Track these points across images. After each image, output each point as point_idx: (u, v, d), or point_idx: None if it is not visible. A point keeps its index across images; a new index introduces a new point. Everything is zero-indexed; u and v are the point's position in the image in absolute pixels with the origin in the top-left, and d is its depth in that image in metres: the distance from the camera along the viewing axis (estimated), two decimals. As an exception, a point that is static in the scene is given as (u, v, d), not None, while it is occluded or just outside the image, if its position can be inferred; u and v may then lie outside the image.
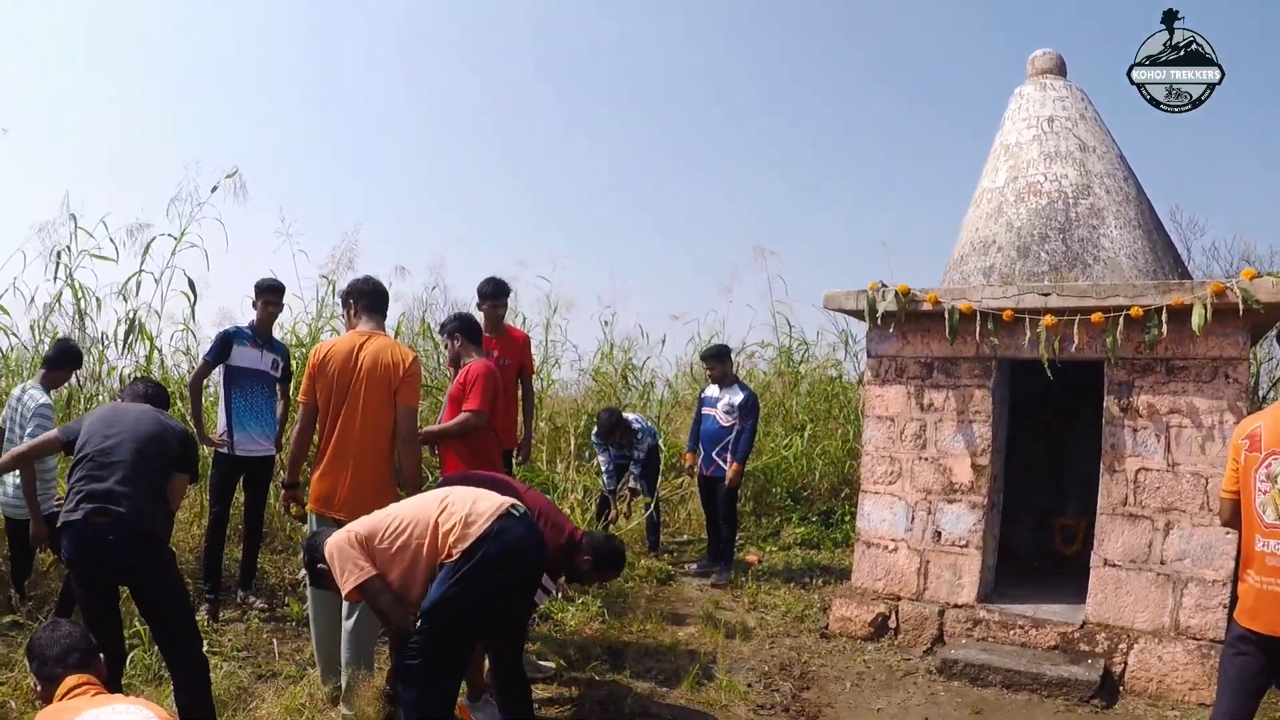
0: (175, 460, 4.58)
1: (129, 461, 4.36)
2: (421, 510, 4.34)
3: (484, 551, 4.13)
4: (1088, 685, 5.74)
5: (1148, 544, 6.03)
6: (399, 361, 5.25)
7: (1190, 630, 5.85)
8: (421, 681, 4.12)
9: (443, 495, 4.43)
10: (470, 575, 4.11)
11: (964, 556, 6.70)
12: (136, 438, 4.46)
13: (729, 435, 8.61)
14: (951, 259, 7.58)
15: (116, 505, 4.23)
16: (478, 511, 4.24)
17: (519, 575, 4.34)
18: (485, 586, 4.15)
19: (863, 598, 7.04)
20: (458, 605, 4.11)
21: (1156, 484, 6.03)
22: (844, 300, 7.15)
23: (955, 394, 6.78)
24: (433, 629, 4.13)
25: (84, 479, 4.32)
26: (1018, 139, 7.48)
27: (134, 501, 4.28)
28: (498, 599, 4.25)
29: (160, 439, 4.54)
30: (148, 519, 4.33)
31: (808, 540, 10.21)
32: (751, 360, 13.79)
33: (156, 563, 4.34)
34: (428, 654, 4.12)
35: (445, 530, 4.20)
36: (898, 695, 5.91)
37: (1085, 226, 6.89)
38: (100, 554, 4.24)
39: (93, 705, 2.76)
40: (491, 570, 4.15)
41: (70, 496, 4.29)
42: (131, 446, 4.41)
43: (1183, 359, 5.97)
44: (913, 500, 6.91)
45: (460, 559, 4.13)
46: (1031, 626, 6.33)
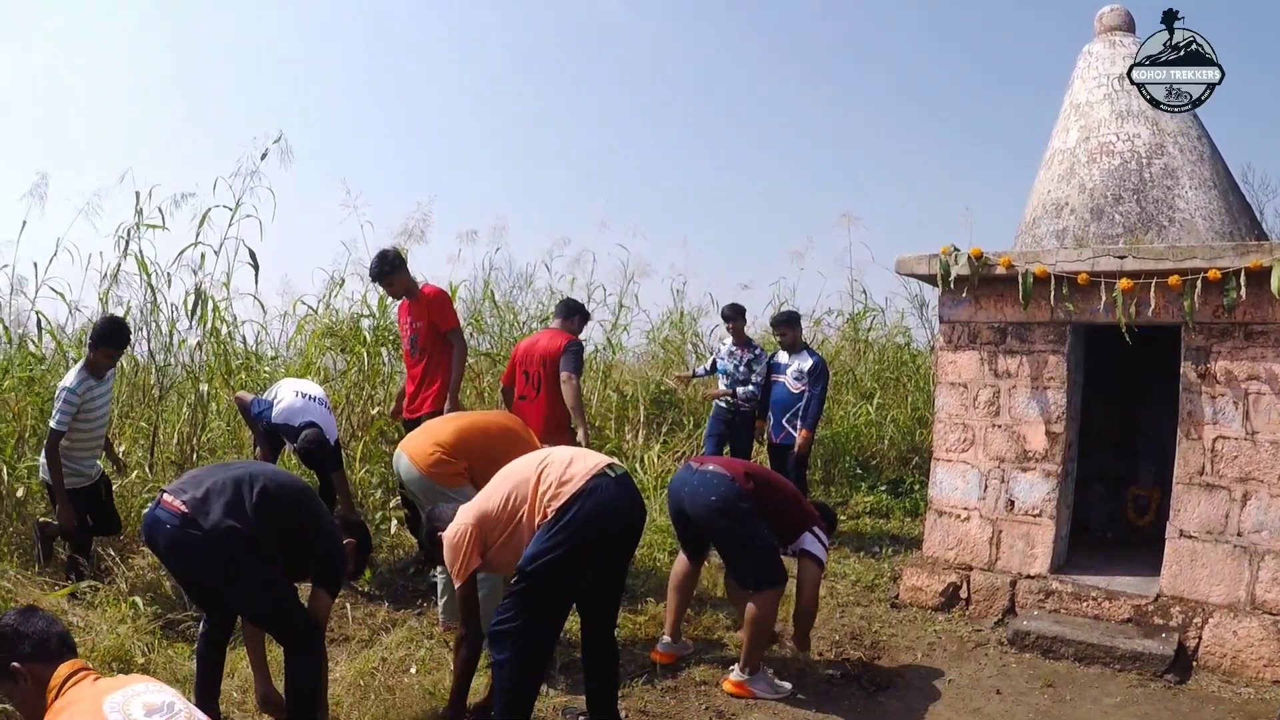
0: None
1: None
2: (523, 475, 4.38)
3: (576, 509, 4.14)
4: (1161, 660, 5.64)
5: (1224, 515, 5.90)
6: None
7: (1267, 605, 5.71)
8: (515, 644, 4.13)
9: (542, 457, 4.46)
10: (562, 533, 4.13)
11: (1037, 526, 6.61)
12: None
13: (799, 402, 8.56)
14: (1023, 222, 7.45)
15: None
16: (572, 471, 4.26)
17: (612, 534, 4.31)
18: (577, 545, 4.15)
19: (934, 567, 6.98)
20: (550, 563, 4.11)
21: (1234, 453, 5.89)
22: (916, 265, 7.05)
23: (1029, 360, 6.67)
24: (526, 587, 4.14)
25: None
26: (1088, 98, 7.30)
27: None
28: (590, 558, 4.25)
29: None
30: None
31: (877, 509, 10.15)
32: (819, 328, 13.69)
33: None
34: (521, 613, 4.14)
35: (542, 491, 4.25)
36: (969, 666, 5.87)
37: (1160, 187, 6.72)
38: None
39: (115, 687, 2.68)
40: (583, 529, 4.15)
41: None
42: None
43: (1261, 323, 5.81)
44: (985, 468, 6.83)
45: (554, 517, 4.16)
46: (1104, 599, 6.24)
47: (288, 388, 6.85)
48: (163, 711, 2.63)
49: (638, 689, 5.26)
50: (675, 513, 5.51)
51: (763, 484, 5.44)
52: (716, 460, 5.63)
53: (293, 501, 4.18)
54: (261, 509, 3.98)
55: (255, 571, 3.97)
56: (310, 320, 10.13)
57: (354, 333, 9.60)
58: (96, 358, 6.18)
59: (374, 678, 5.00)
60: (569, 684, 5.17)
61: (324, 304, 10.23)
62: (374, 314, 9.78)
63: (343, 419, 8.96)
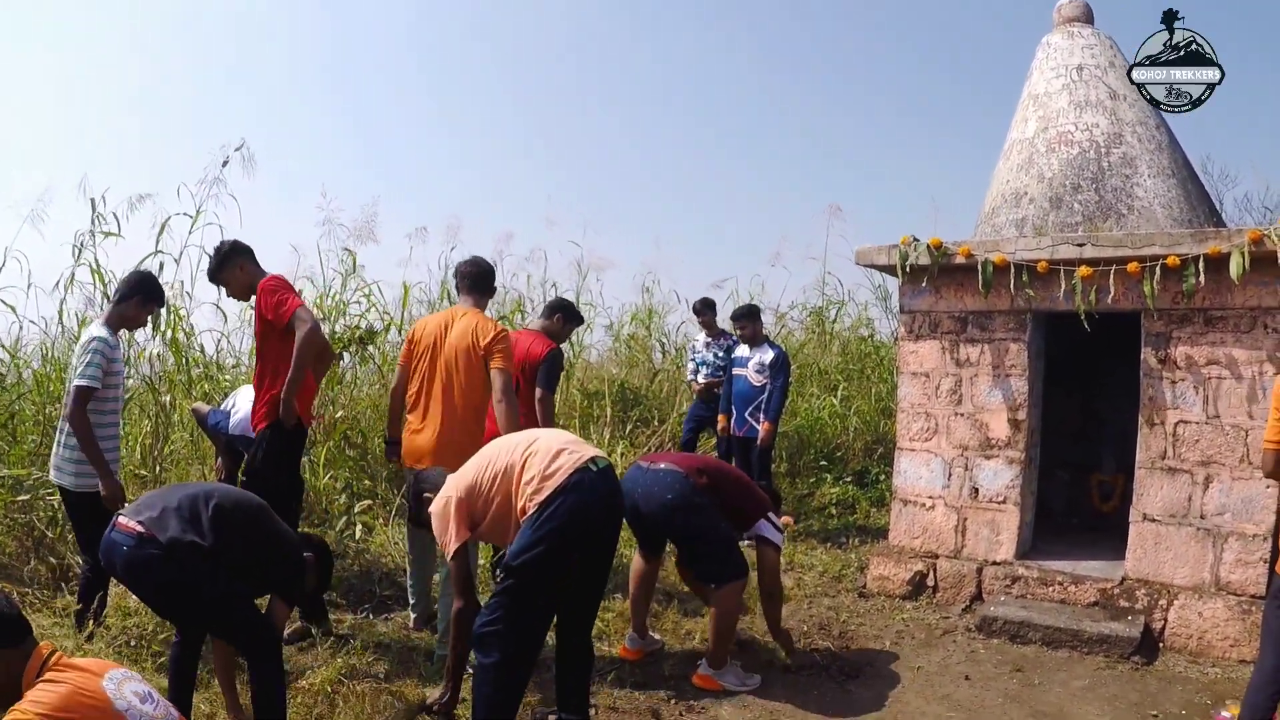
0: None
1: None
2: (510, 455, 4.35)
3: (559, 503, 4.10)
4: (1128, 642, 5.69)
5: (1187, 498, 5.96)
6: (483, 334, 5.66)
7: (1231, 586, 5.78)
8: (502, 646, 4.09)
9: (529, 440, 4.41)
10: (545, 528, 4.08)
11: (1002, 513, 6.65)
12: None
13: (761, 395, 8.58)
14: (983, 212, 7.49)
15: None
16: (557, 465, 4.21)
17: (595, 529, 4.28)
18: (561, 541, 4.11)
19: (900, 556, 7.01)
20: (534, 559, 4.08)
21: (1195, 437, 5.95)
22: (876, 255, 7.08)
23: (990, 348, 6.71)
24: (512, 585, 4.12)
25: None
26: (1046, 89, 7.35)
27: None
28: (574, 554, 4.22)
29: None
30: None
31: (843, 500, 10.17)
32: (784, 322, 13.72)
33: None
34: (506, 613, 4.10)
35: (526, 479, 4.21)
36: (937, 653, 5.90)
37: (1118, 176, 6.77)
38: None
39: (102, 670, 2.79)
40: (567, 524, 4.11)
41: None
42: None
43: (1221, 309, 5.87)
44: (949, 457, 6.87)
45: (536, 511, 4.12)
46: (1070, 583, 6.29)
47: (245, 396, 6.43)
48: (150, 701, 2.72)
49: (607, 685, 5.24)
50: (629, 511, 5.42)
51: (716, 477, 5.46)
52: (667, 457, 5.61)
53: (248, 516, 4.16)
54: (218, 523, 3.95)
55: (214, 585, 3.94)
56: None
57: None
58: (128, 311, 5.48)
59: (342, 684, 4.96)
60: (538, 680, 5.15)
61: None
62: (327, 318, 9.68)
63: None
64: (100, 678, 2.74)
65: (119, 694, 2.71)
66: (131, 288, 5.51)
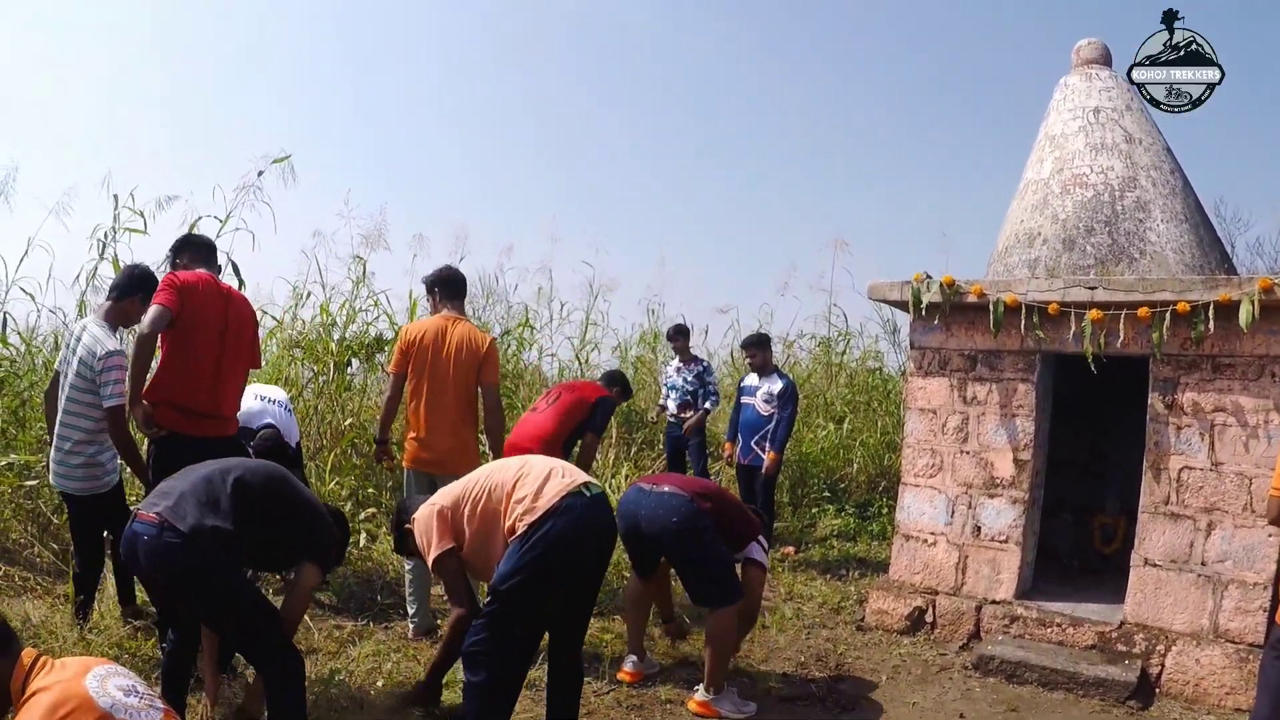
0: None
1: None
2: (501, 475, 4.43)
3: (548, 528, 4.14)
4: (1124, 686, 5.68)
5: (1189, 544, 5.96)
6: (481, 344, 6.09)
7: (1229, 633, 5.77)
8: (489, 666, 4.13)
9: (521, 463, 4.49)
10: (532, 553, 4.13)
11: (1003, 552, 6.65)
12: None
13: (768, 424, 8.62)
14: (996, 251, 7.51)
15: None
16: (548, 488, 4.27)
17: (582, 554, 4.31)
18: (547, 565, 4.15)
19: (900, 591, 7.01)
20: (521, 584, 4.11)
21: (1199, 483, 5.95)
22: (888, 291, 7.11)
23: (998, 387, 6.72)
24: (499, 609, 4.15)
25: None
26: (1063, 130, 7.39)
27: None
28: (561, 578, 4.25)
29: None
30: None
31: (844, 532, 10.18)
32: (791, 351, 13.75)
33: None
34: (494, 634, 4.15)
35: (516, 500, 4.27)
36: (933, 690, 5.89)
37: (1131, 220, 6.80)
38: None
39: (84, 669, 2.75)
40: (553, 548, 4.15)
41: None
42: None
43: (1229, 356, 5.88)
44: (953, 494, 6.87)
45: (525, 533, 4.16)
46: (1069, 625, 6.28)
47: (249, 393, 6.49)
48: (134, 694, 2.73)
49: (604, 706, 5.26)
50: (628, 532, 5.48)
51: (718, 502, 5.53)
52: (669, 480, 5.63)
53: (270, 485, 4.09)
54: (239, 500, 3.88)
55: (235, 579, 3.88)
56: (277, 332, 10.04)
57: (321, 342, 9.53)
58: (129, 309, 5.48)
59: (342, 690, 4.98)
60: (532, 697, 5.17)
61: (290, 314, 10.13)
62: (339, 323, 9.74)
63: (312, 430, 8.93)
64: (82, 678, 2.71)
65: (102, 691, 2.69)
66: (133, 285, 5.53)
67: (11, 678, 2.73)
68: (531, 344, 12.43)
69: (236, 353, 5.24)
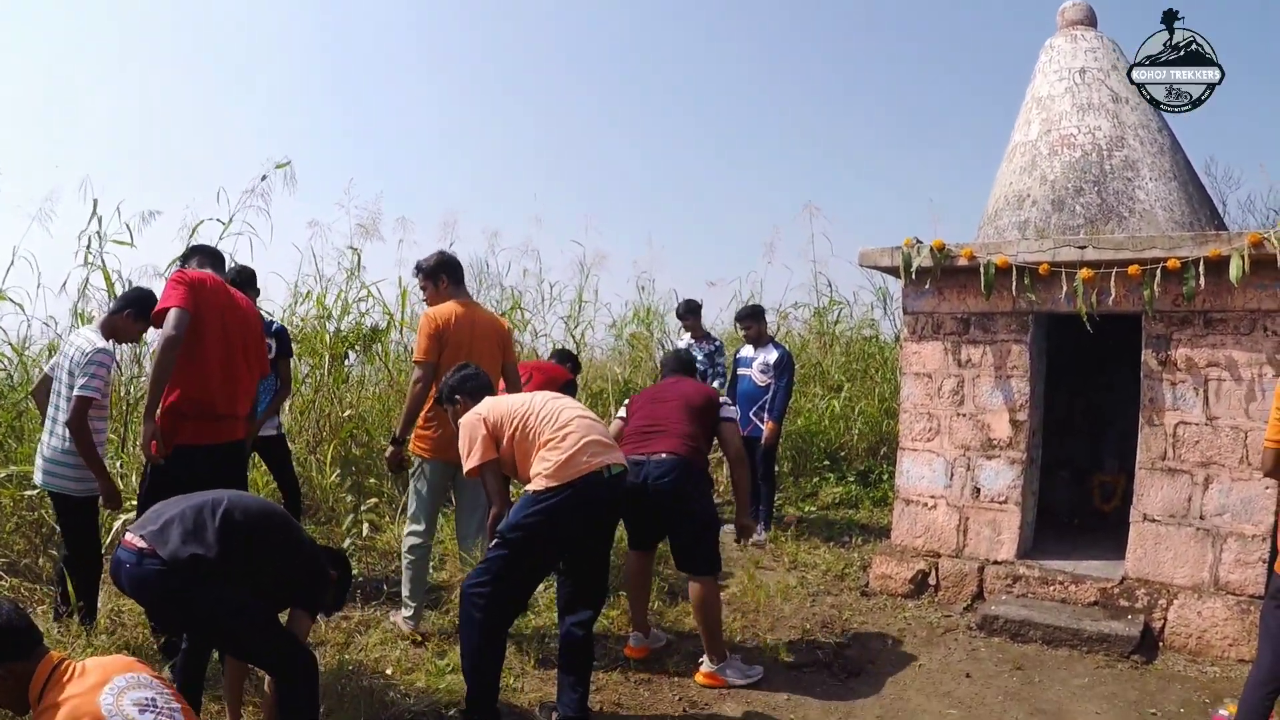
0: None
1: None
2: (539, 421, 4.61)
3: (563, 496, 4.37)
4: (1127, 641, 5.74)
5: (1187, 499, 6.00)
6: (502, 325, 6.29)
7: (1230, 585, 5.82)
8: (487, 606, 4.37)
9: (560, 418, 4.63)
10: (542, 513, 4.37)
11: (1003, 513, 6.69)
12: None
13: (765, 395, 8.62)
14: (985, 214, 7.53)
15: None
16: (578, 458, 4.45)
17: (588, 527, 4.58)
18: (553, 528, 4.41)
19: (902, 555, 7.06)
20: (525, 538, 4.37)
21: (1195, 438, 5.99)
22: (879, 257, 7.13)
23: (992, 349, 6.75)
24: (503, 555, 4.40)
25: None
26: (1049, 91, 7.39)
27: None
28: (564, 544, 4.56)
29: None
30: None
31: (846, 500, 10.23)
32: (786, 321, 13.76)
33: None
34: (496, 577, 4.39)
35: (542, 456, 4.49)
36: (938, 651, 5.95)
37: (1120, 179, 6.82)
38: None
39: (103, 680, 2.71)
40: (561, 516, 4.40)
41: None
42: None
43: (1221, 311, 5.91)
44: (951, 457, 6.91)
45: (540, 492, 4.39)
46: (1071, 582, 6.33)
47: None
48: (151, 708, 2.68)
49: (611, 682, 5.31)
50: (633, 500, 5.33)
51: (695, 425, 5.67)
52: (663, 444, 5.52)
53: (262, 525, 3.92)
54: (226, 533, 3.74)
55: (221, 599, 3.72)
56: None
57: (317, 336, 9.53)
58: (119, 323, 5.45)
59: (350, 681, 5.01)
60: (541, 676, 5.21)
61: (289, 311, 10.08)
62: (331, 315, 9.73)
63: (310, 423, 8.96)
64: (97, 693, 2.66)
65: (115, 709, 2.63)
66: (127, 302, 5.53)
67: (31, 679, 2.73)
68: (525, 325, 12.42)
69: (244, 351, 5.21)
